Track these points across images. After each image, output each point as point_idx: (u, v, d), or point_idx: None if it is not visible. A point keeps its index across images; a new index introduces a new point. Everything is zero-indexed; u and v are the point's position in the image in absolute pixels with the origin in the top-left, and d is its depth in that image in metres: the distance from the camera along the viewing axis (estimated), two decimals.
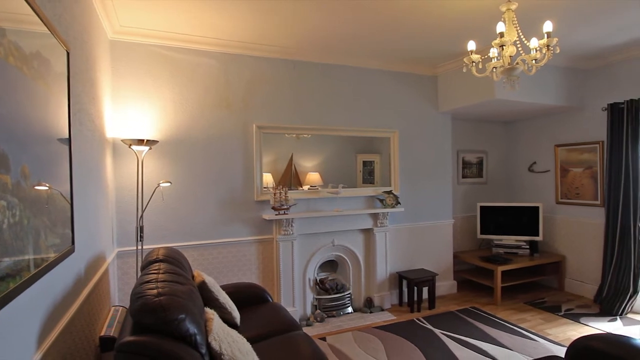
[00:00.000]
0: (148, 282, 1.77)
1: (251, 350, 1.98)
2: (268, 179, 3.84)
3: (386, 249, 4.21)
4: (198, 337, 1.61)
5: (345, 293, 4.03)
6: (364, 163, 4.37)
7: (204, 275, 2.48)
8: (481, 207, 4.93)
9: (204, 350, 1.63)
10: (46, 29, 1.49)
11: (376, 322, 3.81)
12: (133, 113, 3.21)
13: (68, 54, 1.80)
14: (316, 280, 4.00)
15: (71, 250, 1.80)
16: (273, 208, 3.58)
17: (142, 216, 3.06)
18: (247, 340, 2.11)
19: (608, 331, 3.52)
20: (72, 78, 1.87)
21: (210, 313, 1.97)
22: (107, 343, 2.07)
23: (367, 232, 4.19)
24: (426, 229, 4.54)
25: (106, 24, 2.92)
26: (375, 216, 4.14)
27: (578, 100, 4.39)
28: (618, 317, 3.85)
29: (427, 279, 4.12)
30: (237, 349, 1.85)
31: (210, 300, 2.38)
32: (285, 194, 3.58)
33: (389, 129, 4.28)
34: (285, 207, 3.59)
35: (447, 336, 3.44)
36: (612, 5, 2.87)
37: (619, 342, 1.85)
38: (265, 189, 3.72)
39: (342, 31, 3.31)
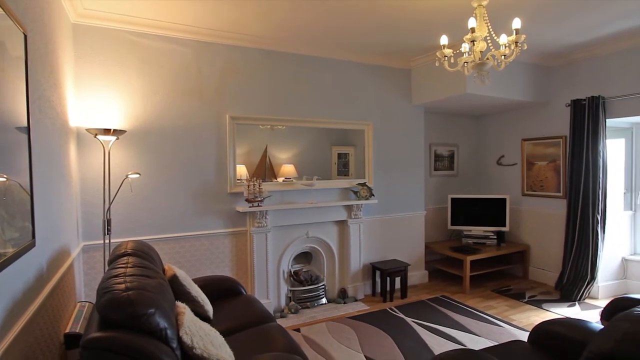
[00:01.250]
0: (116, 276, 1.71)
1: (224, 343, 1.96)
2: (242, 170, 3.79)
3: (360, 241, 4.26)
4: (169, 332, 1.58)
5: (320, 284, 4.06)
6: (339, 155, 4.38)
7: (175, 269, 2.43)
8: (452, 199, 5.07)
9: (174, 345, 1.61)
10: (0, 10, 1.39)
11: (350, 312, 3.86)
12: (99, 101, 3.07)
13: (25, 36, 1.69)
14: (290, 272, 4.00)
15: (32, 245, 1.71)
16: (247, 200, 3.54)
17: (109, 209, 2.95)
18: (220, 333, 2.09)
19: (567, 316, 3.72)
20: (30, 62, 1.76)
21: (182, 307, 1.94)
22: (72, 340, 2.00)
23: (341, 224, 4.22)
24: (399, 221, 4.63)
25: (68, 6, 2.77)
26: (349, 208, 4.17)
27: (543, 96, 4.56)
28: (577, 303, 4.08)
29: (399, 269, 4.21)
30: (209, 342, 1.82)
31: (181, 294, 2.34)
32: (259, 185, 3.54)
33: (363, 121, 4.31)
34: (259, 199, 3.55)
35: (418, 324, 3.54)
36: (577, 5, 2.99)
37: (576, 326, 1.97)
38: (239, 181, 3.67)
39: (316, 21, 3.28)
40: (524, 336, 3.20)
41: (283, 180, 3.95)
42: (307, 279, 4.02)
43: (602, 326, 1.90)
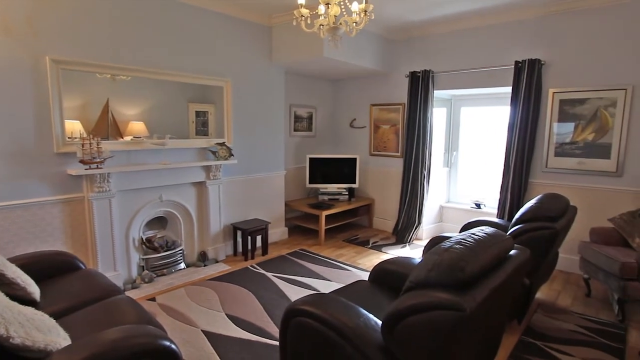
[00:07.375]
0: None
1: (56, 326, 1.70)
2: (75, 127, 3.19)
3: (220, 202, 4.16)
4: None
5: (177, 249, 3.86)
6: (197, 113, 4.08)
7: None
8: (310, 159, 5.35)
9: None
10: None
11: (210, 274, 3.81)
12: None
13: None
14: (142, 239, 3.67)
15: None
16: (82, 162, 3.02)
17: None
18: (53, 315, 1.80)
19: (399, 255, 4.46)
20: None
21: None
22: None
23: (200, 185, 4.03)
24: (259, 180, 4.67)
25: None
26: (207, 169, 3.99)
27: (389, 66, 5.08)
28: (407, 244, 4.91)
29: (260, 228, 4.31)
30: (33, 328, 1.55)
31: None
32: (98, 144, 3.05)
33: (221, 77, 4.08)
34: (99, 160, 3.08)
35: (278, 277, 3.73)
36: None
37: (403, 263, 2.37)
38: (70, 139, 3.09)
39: None
40: (366, 276, 3.71)
41: (132, 140, 3.49)
42: (162, 245, 3.76)
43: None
